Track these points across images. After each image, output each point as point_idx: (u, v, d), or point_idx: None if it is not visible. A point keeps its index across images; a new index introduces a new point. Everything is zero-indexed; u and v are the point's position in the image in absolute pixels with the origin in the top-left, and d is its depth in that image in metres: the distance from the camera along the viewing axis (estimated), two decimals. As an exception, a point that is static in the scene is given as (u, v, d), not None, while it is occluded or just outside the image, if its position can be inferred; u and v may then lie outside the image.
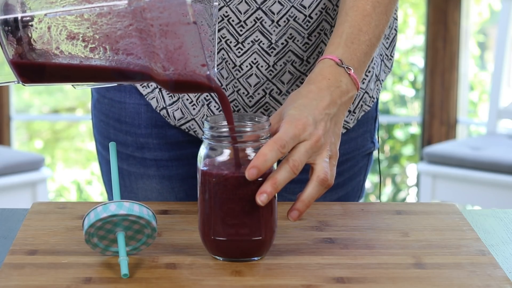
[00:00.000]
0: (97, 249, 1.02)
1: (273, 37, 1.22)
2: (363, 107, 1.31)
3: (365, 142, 1.36)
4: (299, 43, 1.23)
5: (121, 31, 0.98)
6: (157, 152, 1.32)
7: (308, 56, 1.24)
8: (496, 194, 3.15)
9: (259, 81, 1.23)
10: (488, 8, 4.22)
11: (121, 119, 1.32)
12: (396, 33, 1.33)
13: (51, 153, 4.59)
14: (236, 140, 1.01)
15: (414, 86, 4.28)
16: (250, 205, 1.01)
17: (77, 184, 4.45)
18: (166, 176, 1.33)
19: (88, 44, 0.99)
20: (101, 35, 0.99)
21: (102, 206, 1.01)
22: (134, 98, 1.30)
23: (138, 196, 1.34)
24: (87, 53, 0.99)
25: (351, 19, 1.15)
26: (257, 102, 1.25)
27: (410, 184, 4.37)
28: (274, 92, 1.24)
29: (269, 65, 1.23)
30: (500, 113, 3.47)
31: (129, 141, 1.32)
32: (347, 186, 1.36)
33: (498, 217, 1.20)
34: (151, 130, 1.31)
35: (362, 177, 1.38)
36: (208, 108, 1.26)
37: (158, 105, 1.29)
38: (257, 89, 1.24)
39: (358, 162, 1.36)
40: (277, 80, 1.24)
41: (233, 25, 1.21)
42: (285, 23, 1.21)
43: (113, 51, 0.99)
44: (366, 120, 1.35)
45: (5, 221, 1.17)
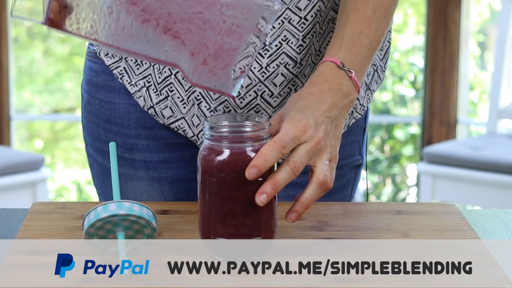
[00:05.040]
0: (97, 249, 1.02)
1: (267, 39, 1.21)
2: (353, 113, 1.31)
3: (353, 152, 1.35)
4: (293, 45, 1.22)
5: (186, 14, 0.98)
6: (147, 154, 1.31)
7: (302, 58, 1.24)
8: (496, 194, 3.15)
9: (251, 82, 1.23)
10: (488, 8, 4.22)
11: (110, 120, 1.32)
12: (389, 45, 1.33)
13: (51, 153, 4.59)
14: (236, 141, 1.01)
15: (414, 86, 4.28)
16: (250, 205, 1.01)
17: (77, 184, 4.45)
18: (155, 178, 1.32)
19: (144, 15, 0.98)
20: (165, 10, 0.98)
21: (102, 206, 1.00)
22: (124, 98, 1.30)
23: (128, 198, 1.33)
24: (136, 24, 0.98)
25: (352, 21, 1.15)
26: (248, 104, 1.25)
27: (410, 184, 4.37)
28: (266, 94, 1.24)
29: (262, 67, 1.23)
30: (500, 113, 3.48)
31: (118, 142, 1.32)
32: (334, 197, 1.35)
33: (498, 217, 1.20)
34: (140, 131, 1.31)
35: (349, 191, 1.37)
36: (198, 107, 1.26)
37: (146, 104, 1.29)
38: (249, 91, 1.24)
39: (346, 173, 1.35)
40: (269, 82, 1.23)
41: None
42: (279, 25, 1.21)
43: (163, 29, 0.99)
44: (355, 129, 1.34)
45: (5, 221, 1.17)
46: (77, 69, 4.64)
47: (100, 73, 1.32)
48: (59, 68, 4.68)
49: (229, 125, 1.02)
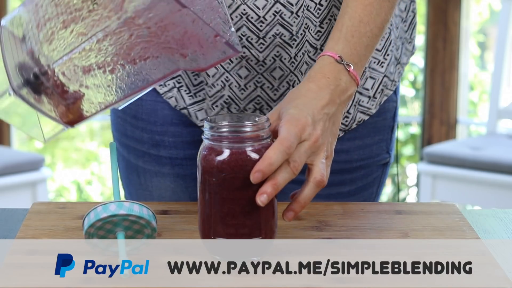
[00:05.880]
0: (97, 249, 1.02)
1: (293, 28, 1.21)
2: (384, 91, 1.30)
3: (380, 151, 1.35)
4: (312, 32, 1.22)
5: (126, 44, 0.99)
6: (172, 150, 1.32)
7: (321, 44, 1.23)
8: (496, 194, 3.15)
9: (283, 74, 1.22)
10: (488, 8, 4.22)
11: (137, 116, 1.32)
12: (414, 15, 1.32)
13: (51, 153, 4.58)
14: (236, 141, 1.01)
15: (414, 86, 4.28)
16: (250, 205, 1.01)
17: (77, 184, 4.45)
18: (180, 175, 1.33)
19: (106, 69, 1.00)
20: (111, 55, 1.00)
21: (102, 206, 1.01)
22: (151, 95, 1.31)
23: (152, 194, 1.34)
24: (110, 77, 1.00)
25: (352, 10, 1.14)
26: (282, 95, 1.24)
27: (410, 184, 4.37)
28: (296, 84, 1.24)
29: (291, 57, 1.22)
30: (500, 113, 3.47)
31: (145, 138, 1.32)
32: (359, 196, 1.34)
33: (498, 217, 1.20)
34: (167, 128, 1.31)
35: (375, 189, 1.37)
36: (228, 110, 1.26)
37: (178, 104, 1.29)
38: (282, 82, 1.23)
39: (372, 172, 1.35)
40: (298, 71, 1.23)
41: (252, 21, 1.21)
42: (302, 13, 1.20)
43: (130, 63, 1.00)
44: (383, 128, 1.33)
45: (5, 221, 1.17)
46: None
47: None
48: (59, 68, 4.67)
49: (229, 125, 1.02)
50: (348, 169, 1.31)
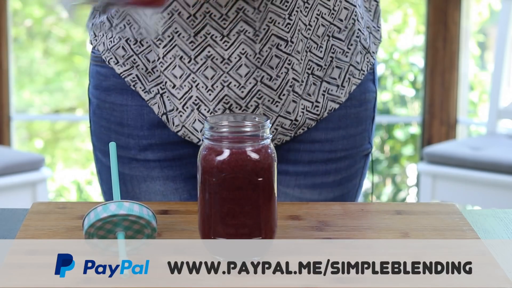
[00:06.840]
0: (97, 249, 1.02)
1: (256, 24, 1.22)
2: (351, 80, 1.32)
3: (363, 142, 1.37)
4: (280, 25, 1.23)
5: None
6: (161, 153, 1.32)
7: (292, 36, 1.24)
8: (496, 194, 3.15)
9: (249, 70, 1.24)
10: (488, 8, 4.22)
11: (123, 122, 1.32)
12: (377, 4, 1.35)
13: (51, 153, 4.59)
14: (236, 141, 1.01)
15: (414, 86, 4.28)
16: (250, 205, 1.01)
17: (77, 184, 4.45)
18: (170, 176, 1.33)
19: None
20: None
21: (102, 206, 1.01)
22: (136, 100, 1.31)
23: (140, 201, 1.34)
24: None
25: None
26: (250, 92, 1.25)
27: (410, 184, 4.37)
28: (265, 78, 1.25)
29: (256, 53, 1.23)
30: (500, 113, 3.47)
31: (131, 144, 1.32)
32: (343, 187, 1.36)
33: (498, 217, 1.20)
34: (153, 131, 1.31)
35: (358, 180, 1.39)
36: (198, 112, 1.27)
37: (159, 110, 1.30)
38: (248, 79, 1.24)
39: (356, 162, 1.37)
40: (266, 66, 1.24)
41: (216, 19, 1.22)
42: (264, 8, 1.22)
43: None
44: (365, 118, 1.36)
45: (5, 221, 1.17)
46: (77, 69, 4.64)
47: (110, 76, 1.32)
48: (59, 68, 4.68)
49: (229, 125, 1.02)
50: (333, 159, 1.33)
